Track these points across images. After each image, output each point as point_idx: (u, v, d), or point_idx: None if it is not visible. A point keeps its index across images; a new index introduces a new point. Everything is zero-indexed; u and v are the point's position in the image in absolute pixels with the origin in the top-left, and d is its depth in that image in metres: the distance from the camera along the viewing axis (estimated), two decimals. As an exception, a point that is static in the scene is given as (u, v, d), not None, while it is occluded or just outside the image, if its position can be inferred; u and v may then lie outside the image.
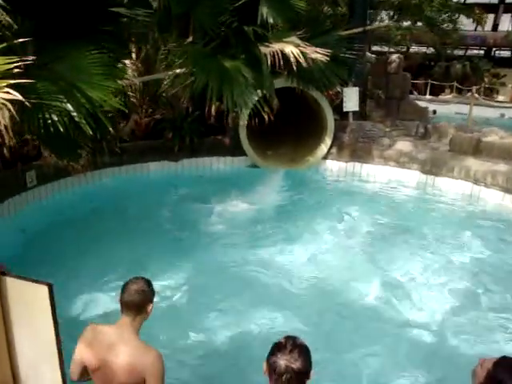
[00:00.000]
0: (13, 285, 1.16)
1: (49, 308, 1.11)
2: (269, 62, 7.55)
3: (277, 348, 2.13)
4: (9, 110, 3.55)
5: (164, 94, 9.54)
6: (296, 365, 2.05)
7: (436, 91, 28.06)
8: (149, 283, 2.70)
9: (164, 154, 9.34)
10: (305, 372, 2.09)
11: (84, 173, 8.02)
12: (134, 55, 9.04)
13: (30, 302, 1.13)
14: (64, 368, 1.15)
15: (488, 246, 6.49)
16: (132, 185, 8.40)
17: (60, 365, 1.15)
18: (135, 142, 9.10)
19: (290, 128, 10.11)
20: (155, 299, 2.68)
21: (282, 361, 2.06)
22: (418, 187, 9.09)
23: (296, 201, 8.16)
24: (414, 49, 32.59)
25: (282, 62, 7.55)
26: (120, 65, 5.38)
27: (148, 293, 2.66)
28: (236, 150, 9.68)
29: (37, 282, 1.13)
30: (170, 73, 7.80)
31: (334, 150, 9.83)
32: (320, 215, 7.47)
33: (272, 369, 2.09)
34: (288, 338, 2.17)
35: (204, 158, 9.71)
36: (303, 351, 2.12)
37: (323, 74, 8.99)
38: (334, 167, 9.88)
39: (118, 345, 2.57)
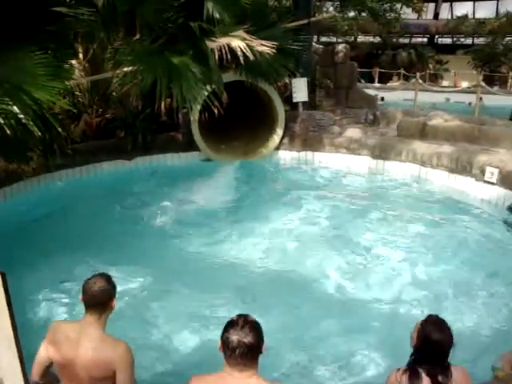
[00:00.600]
0: (-34, 274, 1.23)
1: (3, 295, 1.18)
2: (216, 57, 7.66)
3: (229, 325, 2.27)
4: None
5: (114, 93, 9.49)
6: (247, 339, 2.20)
7: (384, 79, 28.79)
8: (108, 279, 2.73)
9: (117, 153, 9.27)
10: (256, 346, 2.23)
11: (36, 176, 7.92)
12: (81, 55, 8.94)
13: (-16, 290, 1.20)
14: (22, 354, 1.21)
15: (434, 222, 6.82)
16: (86, 186, 8.31)
17: (18, 351, 1.22)
18: (87, 143, 9.01)
19: (242, 121, 10.22)
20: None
21: (234, 336, 2.21)
22: (368, 172, 9.42)
23: (250, 192, 8.24)
24: (361, 38, 33.29)
25: (229, 56, 7.68)
26: (66, 65, 5.36)
27: (109, 289, 2.70)
28: (189, 146, 9.74)
29: (-12, 270, 1.20)
30: (118, 71, 7.77)
31: (286, 141, 10.03)
32: (274, 205, 7.55)
33: (226, 345, 2.23)
34: (240, 315, 2.32)
35: (158, 155, 9.70)
36: (254, 327, 2.26)
37: (271, 66, 9.16)
38: (287, 157, 10.09)
39: (83, 341, 2.61)
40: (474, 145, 9.49)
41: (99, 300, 2.64)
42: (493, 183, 7.89)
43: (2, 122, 4.09)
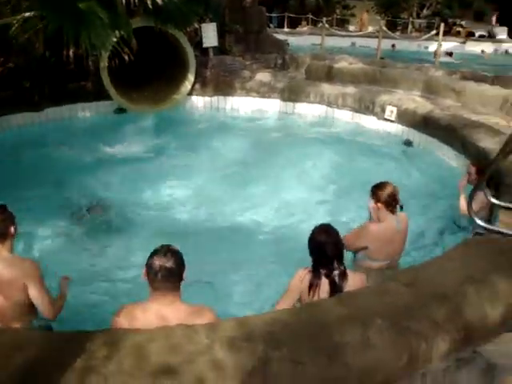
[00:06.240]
0: None
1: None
2: (123, 1, 7.54)
3: (153, 253, 2.59)
4: None
5: (14, 41, 9.02)
6: (169, 263, 2.52)
7: (293, 24, 29.08)
8: (3, 209, 3.03)
9: (24, 105, 8.93)
10: (177, 270, 2.55)
11: None
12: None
13: None
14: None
15: (341, 156, 7.36)
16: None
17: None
18: (-12, 95, 8.60)
19: (152, 68, 10.14)
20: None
21: (157, 261, 2.52)
22: (279, 114, 9.83)
23: (167, 139, 8.30)
24: (268, -17, 32.95)
25: (136, 1, 7.60)
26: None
27: (6, 219, 3.00)
28: (100, 95, 9.55)
29: None
30: (19, 17, 7.43)
31: (197, 86, 10.08)
32: (191, 151, 7.73)
33: (149, 270, 2.54)
34: (162, 245, 2.62)
35: (68, 106, 9.46)
36: (175, 253, 2.58)
37: (180, 11, 9.09)
38: (200, 103, 10.21)
39: None
40: (375, 86, 10.15)
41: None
42: (392, 121, 8.57)
43: None
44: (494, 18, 33.44)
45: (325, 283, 3.01)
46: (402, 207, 3.74)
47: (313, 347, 2.24)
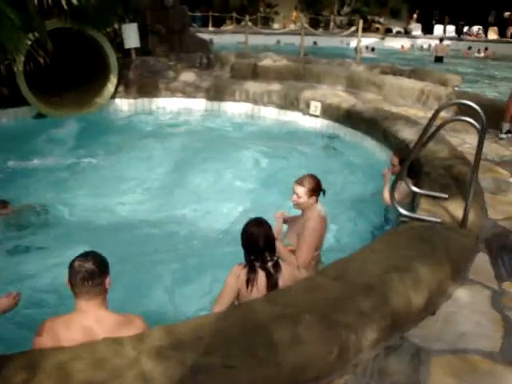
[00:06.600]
0: None
1: None
2: (36, 1, 7.22)
3: (75, 258, 2.47)
4: None
5: None
6: (88, 264, 2.41)
7: (217, 23, 29.08)
8: None
9: None
10: (98, 272, 2.43)
11: None
12: None
13: None
14: None
15: (268, 152, 7.43)
16: None
17: None
18: None
19: (74, 71, 9.77)
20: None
21: (77, 263, 2.42)
22: (205, 114, 9.77)
23: (89, 144, 7.95)
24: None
25: (50, 1, 7.28)
26: None
27: None
28: (18, 100, 9.06)
29: None
30: None
31: (121, 89, 9.82)
32: (114, 155, 7.48)
33: (70, 274, 2.43)
34: (85, 251, 2.52)
35: (-18, 113, 8.93)
36: (96, 256, 2.49)
37: (97, 11, 8.81)
38: (124, 106, 9.96)
39: None
40: (300, 82, 10.31)
41: None
42: (317, 116, 8.74)
43: None
44: (415, 16, 35.27)
45: (261, 276, 3.03)
46: (324, 192, 3.77)
47: (243, 349, 2.21)
